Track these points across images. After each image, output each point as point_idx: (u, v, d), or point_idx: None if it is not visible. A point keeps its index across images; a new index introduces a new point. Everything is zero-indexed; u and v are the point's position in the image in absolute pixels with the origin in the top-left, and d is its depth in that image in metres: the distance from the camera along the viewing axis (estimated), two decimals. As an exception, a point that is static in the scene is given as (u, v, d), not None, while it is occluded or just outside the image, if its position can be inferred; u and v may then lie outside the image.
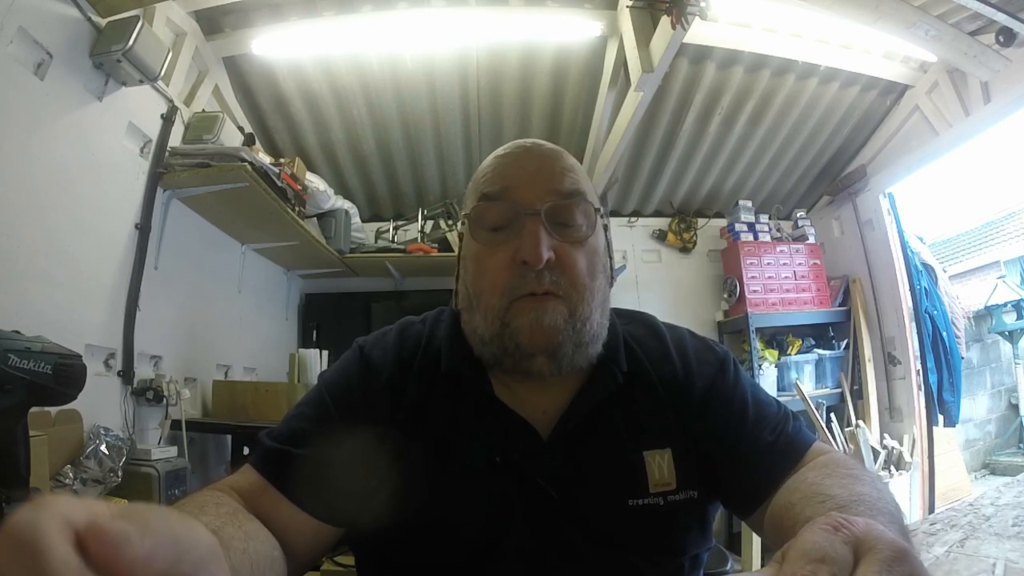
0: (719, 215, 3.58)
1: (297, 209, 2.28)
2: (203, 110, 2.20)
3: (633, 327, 0.73)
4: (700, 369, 0.69)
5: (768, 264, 3.24)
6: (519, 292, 0.60)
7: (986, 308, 5.00)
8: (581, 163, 0.71)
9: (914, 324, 2.99)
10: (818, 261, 3.33)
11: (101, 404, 1.64)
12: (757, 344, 3.07)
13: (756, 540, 2.33)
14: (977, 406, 4.95)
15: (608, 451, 0.63)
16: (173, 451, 1.76)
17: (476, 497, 0.60)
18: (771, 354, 3.11)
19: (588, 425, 0.63)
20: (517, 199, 0.62)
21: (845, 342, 3.24)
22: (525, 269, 0.59)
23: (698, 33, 2.17)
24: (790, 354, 3.18)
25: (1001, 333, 4.98)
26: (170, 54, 1.85)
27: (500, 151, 0.69)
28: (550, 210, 0.61)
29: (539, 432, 0.62)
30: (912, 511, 2.79)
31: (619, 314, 0.73)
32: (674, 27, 1.74)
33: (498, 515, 0.59)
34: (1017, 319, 4.78)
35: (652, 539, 0.61)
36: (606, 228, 0.69)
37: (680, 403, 0.66)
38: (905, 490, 2.79)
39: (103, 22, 1.65)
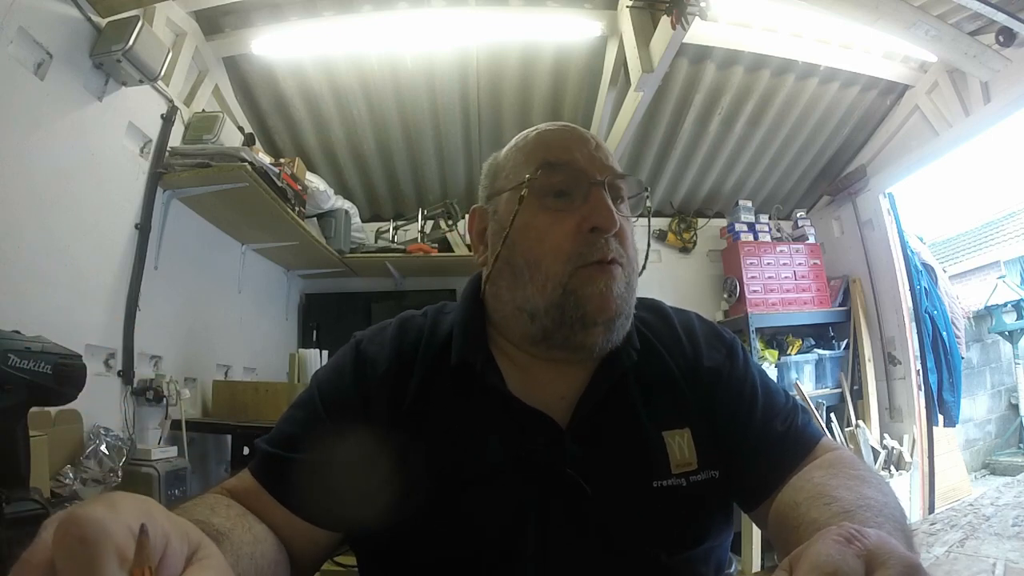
0: (719, 215, 3.58)
1: (297, 209, 2.28)
2: (203, 110, 2.20)
3: (641, 310, 0.72)
4: (709, 352, 0.69)
5: (768, 264, 3.24)
6: (587, 259, 0.60)
7: (986, 308, 5.00)
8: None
9: (914, 324, 2.99)
10: (818, 261, 3.33)
11: (101, 404, 1.64)
12: (757, 344, 3.07)
13: (756, 540, 2.34)
14: (977, 406, 4.96)
15: (628, 433, 0.62)
16: (173, 451, 1.76)
17: (497, 493, 0.58)
18: (771, 354, 3.11)
19: (606, 409, 0.62)
20: (583, 169, 0.63)
21: (845, 342, 3.24)
22: (594, 236, 0.60)
23: (698, 33, 2.17)
24: (790, 354, 3.18)
25: (1001, 333, 4.99)
26: (170, 54, 1.84)
27: (549, 125, 0.69)
28: (610, 183, 0.63)
29: (556, 421, 0.60)
30: (912, 511, 2.79)
31: None
32: (674, 27, 1.74)
33: (522, 510, 0.57)
34: (1017, 319, 4.78)
35: (677, 523, 0.60)
36: (650, 211, 0.72)
37: (692, 383, 0.66)
38: (905, 490, 2.79)
39: (103, 22, 1.65)
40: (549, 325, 0.60)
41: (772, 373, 3.09)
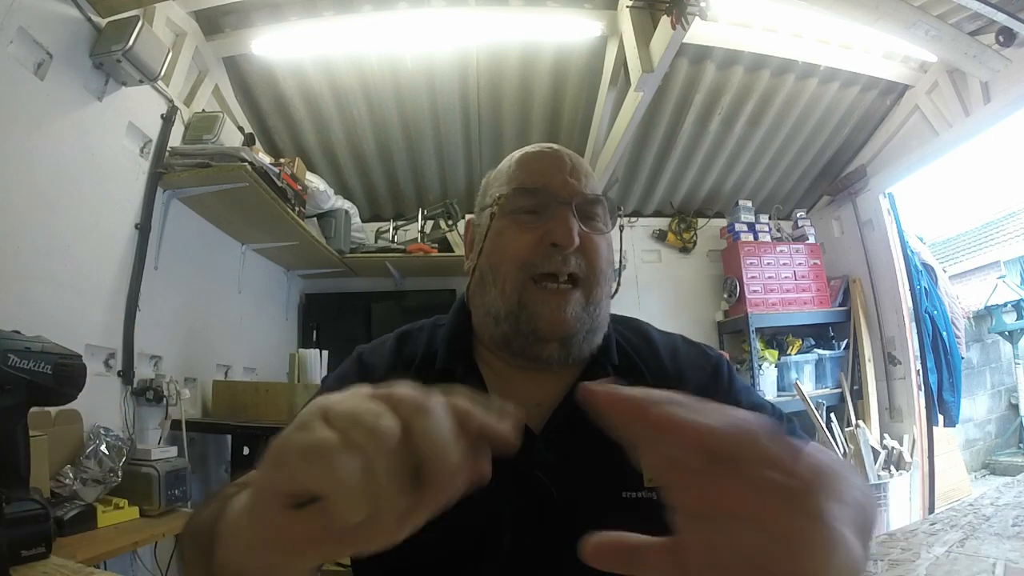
0: (719, 215, 3.58)
1: (297, 209, 2.28)
2: (203, 110, 2.20)
3: (625, 330, 0.75)
4: (692, 373, 0.71)
5: (768, 264, 3.24)
6: (539, 269, 0.63)
7: (986, 308, 4.99)
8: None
9: (914, 324, 2.99)
10: (818, 261, 3.33)
11: (101, 404, 1.64)
12: (757, 344, 3.07)
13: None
14: (977, 406, 4.95)
15: (601, 444, 0.62)
16: (173, 451, 1.75)
17: (474, 495, 0.60)
18: (771, 354, 3.11)
19: (580, 418, 0.63)
20: (554, 192, 0.66)
21: (845, 342, 3.24)
22: (552, 251, 0.63)
23: (698, 33, 2.17)
24: (790, 354, 3.18)
25: (1001, 333, 4.98)
26: (170, 54, 1.84)
27: (531, 149, 0.73)
28: (579, 204, 0.66)
29: (530, 426, 0.63)
30: (912, 511, 2.79)
31: (612, 318, 0.75)
32: (674, 27, 1.74)
33: (492, 511, 0.60)
34: (1017, 319, 4.77)
35: (646, 533, 0.61)
36: (621, 228, 0.74)
37: None
38: (905, 490, 2.79)
39: (103, 22, 1.65)
40: (508, 331, 0.64)
41: (772, 373, 3.09)
